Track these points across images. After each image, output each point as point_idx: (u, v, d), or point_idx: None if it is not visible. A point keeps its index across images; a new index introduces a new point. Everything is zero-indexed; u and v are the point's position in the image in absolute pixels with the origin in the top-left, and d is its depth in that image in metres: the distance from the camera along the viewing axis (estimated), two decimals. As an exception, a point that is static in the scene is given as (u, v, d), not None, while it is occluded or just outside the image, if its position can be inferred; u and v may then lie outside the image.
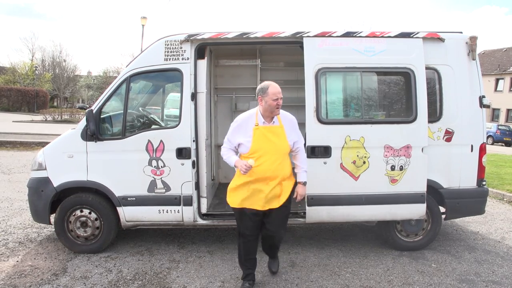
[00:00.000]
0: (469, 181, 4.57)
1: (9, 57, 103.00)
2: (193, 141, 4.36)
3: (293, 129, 3.51)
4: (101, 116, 4.44)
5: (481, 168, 4.56)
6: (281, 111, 3.46)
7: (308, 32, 4.36)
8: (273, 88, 3.35)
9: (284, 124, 3.46)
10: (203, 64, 4.45)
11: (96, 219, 4.45)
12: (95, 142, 4.35)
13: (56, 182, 4.36)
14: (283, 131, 3.44)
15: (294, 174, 3.62)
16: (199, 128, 4.42)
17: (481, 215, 4.92)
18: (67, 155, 4.38)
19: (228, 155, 3.47)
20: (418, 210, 4.38)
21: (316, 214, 4.36)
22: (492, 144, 26.06)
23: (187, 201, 4.37)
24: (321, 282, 3.83)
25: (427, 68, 4.38)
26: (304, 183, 3.56)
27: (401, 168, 4.34)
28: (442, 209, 4.69)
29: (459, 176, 4.54)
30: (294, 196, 3.54)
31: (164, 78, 4.95)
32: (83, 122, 4.38)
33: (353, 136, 4.29)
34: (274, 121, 3.44)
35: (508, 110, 39.15)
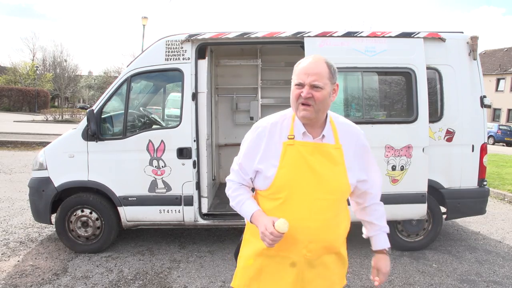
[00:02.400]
0: (470, 181, 4.56)
1: (10, 57, 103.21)
2: (194, 141, 4.36)
3: (359, 156, 1.79)
4: (102, 116, 4.44)
5: (482, 168, 4.56)
6: (338, 116, 1.86)
7: (308, 32, 4.36)
8: (305, 62, 1.69)
9: (344, 144, 1.75)
10: (204, 64, 4.45)
11: (97, 219, 4.46)
12: (96, 142, 4.35)
13: (57, 182, 4.36)
14: (341, 156, 1.73)
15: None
16: (200, 128, 4.42)
17: (482, 215, 4.91)
18: (68, 155, 4.39)
19: (238, 198, 1.80)
20: (419, 210, 4.37)
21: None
22: (493, 144, 26.03)
23: (188, 201, 4.37)
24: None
25: (428, 68, 4.37)
26: (388, 251, 1.90)
27: (402, 168, 4.33)
28: (443, 209, 4.69)
29: (460, 176, 4.54)
30: (373, 277, 1.92)
31: (165, 78, 4.95)
32: (84, 122, 4.39)
33: (354, 136, 4.27)
34: (324, 135, 1.73)
35: (509, 110, 39.10)
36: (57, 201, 4.48)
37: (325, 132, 1.73)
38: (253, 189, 1.86)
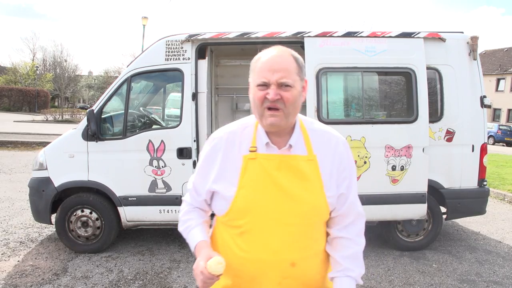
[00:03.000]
0: (470, 181, 4.56)
1: (10, 57, 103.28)
2: (194, 141, 4.36)
3: (338, 169, 1.43)
4: (102, 116, 4.45)
5: (482, 168, 4.56)
6: (312, 122, 1.51)
7: (309, 32, 4.36)
8: (267, 56, 1.35)
9: (320, 154, 1.42)
10: (204, 64, 4.45)
11: (97, 219, 4.46)
12: (96, 142, 4.35)
13: (57, 182, 4.36)
14: (315, 169, 1.40)
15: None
16: (200, 128, 4.42)
17: (482, 215, 4.91)
18: (68, 155, 4.39)
19: (187, 223, 1.51)
20: (419, 210, 4.37)
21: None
22: (493, 144, 26.03)
23: (188, 201, 4.37)
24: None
25: (428, 68, 4.37)
26: None
27: (402, 168, 4.33)
28: (443, 209, 4.69)
29: (460, 176, 4.54)
30: None
31: (165, 78, 4.96)
32: (84, 122, 4.39)
33: (354, 136, 4.28)
34: (291, 145, 1.40)
35: (509, 110, 39.10)
36: (57, 201, 4.48)
37: (292, 141, 1.38)
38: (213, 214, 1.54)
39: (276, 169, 1.36)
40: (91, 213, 4.45)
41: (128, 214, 4.39)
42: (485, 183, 4.62)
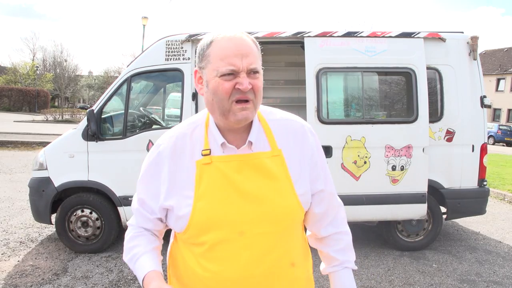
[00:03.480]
0: (470, 181, 4.56)
1: (10, 57, 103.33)
2: (194, 141, 4.35)
3: (308, 161, 1.26)
4: (102, 116, 4.45)
5: (482, 168, 4.56)
6: (271, 111, 1.30)
7: (309, 32, 4.36)
8: (228, 40, 1.13)
9: (285, 148, 1.23)
10: (204, 64, 4.45)
11: (97, 219, 4.46)
12: (96, 142, 4.35)
13: (57, 182, 4.36)
14: (282, 165, 1.20)
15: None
16: (200, 128, 4.41)
17: (482, 215, 4.91)
18: (68, 155, 4.39)
19: (133, 251, 1.26)
20: (419, 210, 4.37)
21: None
22: (493, 144, 26.03)
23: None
24: (321, 283, 3.83)
25: (428, 68, 4.37)
26: None
27: (402, 168, 4.33)
28: (443, 209, 4.69)
29: (460, 176, 4.54)
30: None
31: (165, 78, 4.96)
32: (84, 122, 4.39)
33: (354, 136, 4.28)
34: (251, 141, 1.20)
35: (509, 110, 39.10)
36: (57, 201, 4.48)
37: (252, 137, 1.18)
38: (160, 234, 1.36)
39: (237, 171, 1.16)
40: (91, 213, 4.45)
41: (128, 214, 4.39)
42: (485, 183, 4.62)
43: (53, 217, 4.53)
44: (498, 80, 40.35)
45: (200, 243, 1.17)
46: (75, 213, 4.45)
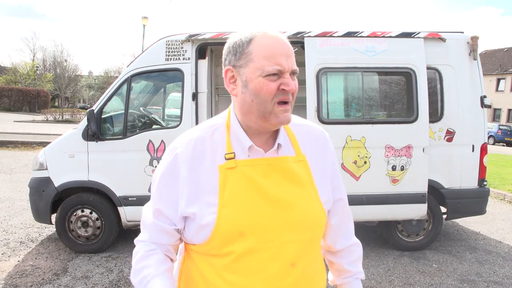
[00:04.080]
0: (470, 181, 4.56)
1: (10, 57, 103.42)
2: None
3: (330, 169, 1.24)
4: (102, 116, 4.45)
5: (482, 168, 4.56)
6: (295, 117, 1.24)
7: (309, 32, 4.36)
8: (269, 38, 1.08)
9: (309, 154, 1.20)
10: (204, 64, 4.45)
11: (97, 219, 4.46)
12: (96, 142, 4.35)
13: (57, 182, 4.36)
14: (307, 171, 1.17)
15: None
16: (200, 128, 4.41)
17: (482, 215, 4.91)
18: (68, 155, 4.39)
19: (142, 272, 1.13)
20: (419, 210, 4.37)
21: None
22: (493, 144, 26.02)
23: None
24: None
25: (428, 68, 4.37)
26: None
27: (402, 168, 4.33)
28: (443, 209, 4.69)
29: (460, 176, 4.54)
30: None
31: (165, 78, 4.96)
32: (84, 122, 4.39)
33: (354, 136, 4.28)
34: (280, 144, 1.16)
35: (509, 110, 39.09)
36: (57, 201, 4.48)
37: (280, 139, 1.14)
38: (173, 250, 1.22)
39: (263, 176, 1.10)
40: (91, 213, 4.45)
41: (128, 214, 4.39)
42: (485, 183, 4.62)
43: (53, 217, 4.53)
44: (498, 80, 40.34)
45: (224, 254, 1.08)
46: (75, 213, 4.45)
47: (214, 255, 1.10)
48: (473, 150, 4.53)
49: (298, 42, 4.44)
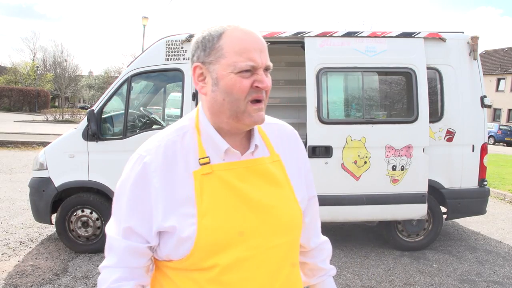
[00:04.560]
0: (470, 181, 4.56)
1: (10, 57, 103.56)
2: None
3: (302, 167, 1.20)
4: (102, 116, 4.45)
5: (482, 168, 4.56)
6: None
7: (309, 32, 4.36)
8: (241, 31, 0.99)
9: (282, 153, 1.15)
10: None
11: (97, 219, 4.46)
12: (96, 142, 4.35)
13: (57, 182, 4.36)
14: (282, 171, 1.12)
15: None
16: (200, 128, 4.41)
17: (482, 215, 4.91)
18: (68, 155, 4.39)
19: None
20: (419, 210, 4.37)
21: (317, 214, 4.35)
22: (494, 144, 26.01)
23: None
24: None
25: (428, 68, 4.37)
26: None
27: (402, 168, 4.33)
28: (443, 209, 4.69)
29: (460, 176, 4.54)
30: None
31: (165, 78, 4.96)
32: (84, 122, 4.39)
33: (354, 136, 4.28)
34: (257, 145, 1.09)
35: (509, 110, 39.09)
36: (57, 201, 4.48)
37: (257, 140, 1.08)
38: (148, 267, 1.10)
39: (242, 180, 1.03)
40: (91, 213, 4.45)
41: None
42: (485, 183, 4.62)
43: (53, 217, 4.53)
44: (498, 80, 40.33)
45: (208, 267, 0.99)
46: (75, 213, 4.45)
47: (196, 269, 1.00)
48: (473, 150, 4.53)
49: (298, 42, 4.44)
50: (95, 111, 4.34)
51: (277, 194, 1.06)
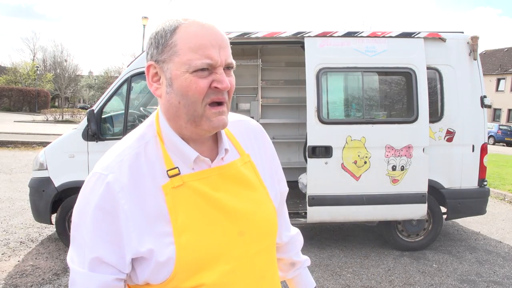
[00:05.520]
0: (470, 181, 4.56)
1: (10, 57, 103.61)
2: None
3: (271, 161, 1.13)
4: (102, 116, 4.45)
5: (482, 168, 4.56)
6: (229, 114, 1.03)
7: (309, 32, 4.36)
8: (197, 26, 0.88)
9: (250, 151, 1.07)
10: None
11: (97, 219, 4.45)
12: (96, 142, 4.35)
13: (57, 182, 4.36)
14: (254, 172, 1.05)
15: None
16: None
17: (482, 215, 4.91)
18: (68, 155, 4.39)
19: None
20: (419, 210, 4.37)
21: (317, 214, 4.35)
22: (494, 144, 26.00)
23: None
24: (322, 282, 3.83)
25: (428, 68, 4.37)
26: None
27: (402, 168, 4.33)
28: (443, 209, 4.69)
29: (460, 176, 4.54)
30: None
31: (165, 78, 4.96)
32: (84, 122, 4.40)
33: (354, 136, 4.28)
34: (227, 149, 0.99)
35: (509, 110, 39.09)
36: (57, 201, 4.48)
37: (226, 144, 0.99)
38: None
39: (215, 189, 0.94)
40: (91, 213, 4.44)
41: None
42: (485, 183, 4.62)
43: (53, 217, 4.53)
44: (498, 80, 40.32)
45: (194, 286, 0.90)
46: (75, 213, 4.44)
47: None
48: (473, 150, 4.53)
49: (298, 42, 4.44)
50: (95, 111, 4.34)
51: (252, 198, 1.00)
